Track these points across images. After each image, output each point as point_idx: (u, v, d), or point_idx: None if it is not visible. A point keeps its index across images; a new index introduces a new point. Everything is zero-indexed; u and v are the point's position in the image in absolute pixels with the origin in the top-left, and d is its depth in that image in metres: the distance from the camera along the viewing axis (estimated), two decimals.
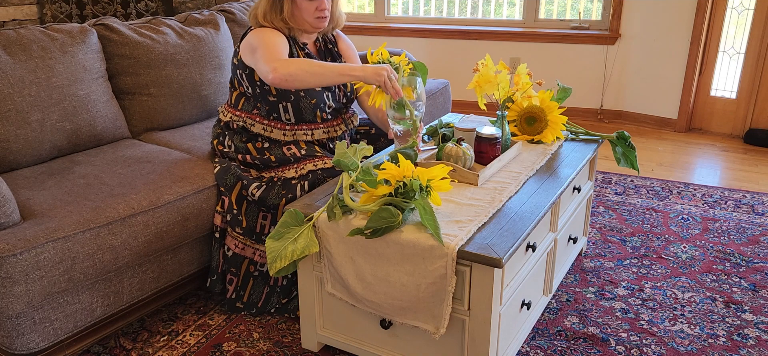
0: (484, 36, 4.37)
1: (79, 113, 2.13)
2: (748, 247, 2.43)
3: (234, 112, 2.05)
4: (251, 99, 2.02)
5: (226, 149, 2.04)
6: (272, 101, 1.98)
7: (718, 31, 3.77)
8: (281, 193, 1.86)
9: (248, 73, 1.98)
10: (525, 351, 1.83)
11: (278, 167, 1.96)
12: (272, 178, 1.93)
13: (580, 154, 2.03)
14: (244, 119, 2.02)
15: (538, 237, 1.75)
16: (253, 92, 2.00)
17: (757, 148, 3.68)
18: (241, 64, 1.98)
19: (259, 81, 1.97)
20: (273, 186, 1.89)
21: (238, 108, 2.04)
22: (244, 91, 2.03)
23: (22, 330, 1.61)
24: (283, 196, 1.86)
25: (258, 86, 1.98)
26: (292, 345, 1.86)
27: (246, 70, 1.98)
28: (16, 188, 1.84)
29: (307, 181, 1.87)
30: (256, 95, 1.99)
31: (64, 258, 1.62)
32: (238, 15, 2.79)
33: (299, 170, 1.91)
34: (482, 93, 1.97)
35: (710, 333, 1.92)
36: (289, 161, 1.95)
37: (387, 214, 1.47)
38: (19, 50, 2.01)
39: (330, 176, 1.87)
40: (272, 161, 1.96)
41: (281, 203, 1.86)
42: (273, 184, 1.90)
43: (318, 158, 1.94)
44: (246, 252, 1.95)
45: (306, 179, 1.87)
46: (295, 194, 1.85)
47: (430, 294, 1.48)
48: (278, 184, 1.89)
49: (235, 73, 2.03)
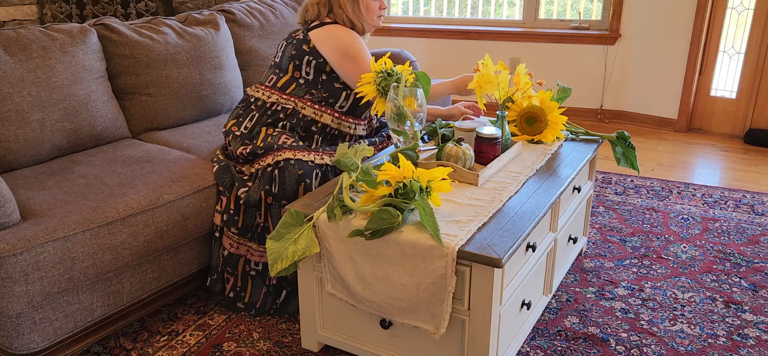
0: (484, 36, 4.37)
1: (79, 112, 2.13)
2: (748, 247, 2.43)
3: (281, 95, 2.07)
4: (304, 86, 2.07)
5: (241, 130, 2.05)
6: (337, 87, 2.07)
7: (718, 31, 3.77)
8: (259, 186, 1.89)
9: (321, 62, 2.05)
10: (525, 351, 1.83)
11: (263, 156, 1.97)
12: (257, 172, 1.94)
13: (580, 154, 2.03)
14: (294, 102, 2.06)
15: (538, 237, 1.75)
16: (316, 78, 2.06)
17: (757, 148, 3.68)
18: (315, 52, 2.04)
19: (330, 69, 2.06)
20: (254, 183, 1.92)
21: (287, 92, 2.07)
22: (303, 76, 2.06)
23: (22, 330, 1.61)
24: (262, 188, 1.88)
25: (325, 74, 2.06)
26: (292, 345, 1.86)
27: (319, 59, 2.05)
28: (16, 188, 1.84)
29: (279, 168, 1.87)
30: (320, 80, 2.06)
31: (64, 258, 1.62)
32: (238, 15, 2.78)
33: (276, 157, 1.92)
34: (482, 93, 1.97)
35: (710, 333, 1.92)
36: (272, 148, 1.96)
37: (387, 215, 1.47)
38: (19, 50, 2.01)
39: (301, 168, 1.87)
40: (259, 150, 1.97)
41: (261, 195, 1.88)
42: (255, 179, 1.92)
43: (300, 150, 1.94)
44: (240, 251, 1.96)
45: (278, 167, 1.87)
46: (272, 185, 1.87)
47: (430, 294, 1.48)
48: (259, 177, 1.91)
49: (301, 59, 2.06)
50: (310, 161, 1.89)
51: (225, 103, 2.63)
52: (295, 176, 1.85)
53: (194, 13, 2.67)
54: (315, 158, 1.91)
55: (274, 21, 2.91)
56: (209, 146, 2.24)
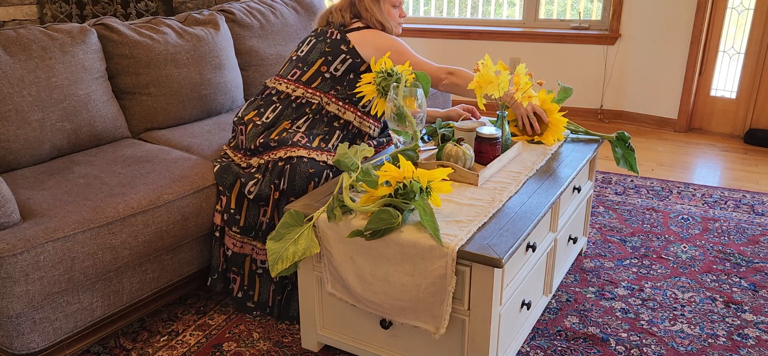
0: (484, 36, 4.38)
1: (79, 112, 2.13)
2: (748, 247, 2.43)
3: (306, 89, 2.08)
4: (330, 81, 2.08)
5: (262, 120, 2.04)
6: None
7: (718, 31, 3.77)
8: (269, 180, 1.88)
9: (358, 62, 2.08)
10: (525, 351, 1.83)
11: (274, 150, 1.96)
12: (266, 165, 1.93)
13: (580, 154, 2.03)
14: (319, 97, 2.07)
15: (538, 237, 1.75)
16: (343, 76, 2.09)
17: (757, 148, 3.68)
18: (354, 53, 2.08)
19: (363, 71, 2.08)
20: (264, 176, 1.90)
21: (312, 86, 2.08)
22: (330, 72, 2.09)
23: (22, 330, 1.61)
24: (271, 181, 1.87)
25: (355, 73, 2.09)
26: (292, 345, 1.86)
27: (357, 58, 2.08)
28: (16, 188, 1.84)
29: (290, 164, 1.86)
30: (347, 79, 2.09)
31: (64, 258, 1.62)
32: (238, 15, 2.78)
33: (288, 152, 1.91)
34: (482, 93, 1.96)
35: (710, 333, 1.92)
36: (286, 142, 1.95)
37: (387, 215, 1.47)
38: (19, 50, 2.01)
39: (312, 167, 1.86)
40: (272, 143, 1.97)
41: (271, 191, 1.87)
42: (265, 173, 1.91)
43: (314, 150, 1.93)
44: (245, 250, 1.96)
45: (290, 162, 1.86)
46: (281, 180, 1.85)
47: (430, 294, 1.48)
48: (269, 170, 1.90)
49: (337, 58, 2.08)
50: (323, 161, 1.89)
51: (225, 103, 2.63)
52: (306, 174, 1.84)
53: (194, 13, 2.67)
54: (328, 159, 1.91)
55: (274, 21, 2.91)
56: (209, 146, 2.24)
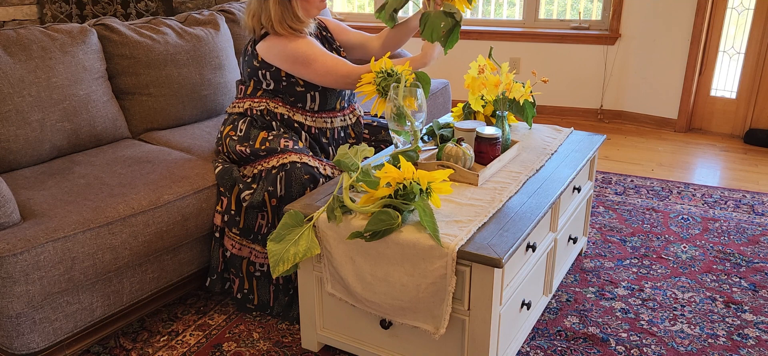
0: (484, 36, 4.38)
1: (79, 113, 2.13)
2: (748, 247, 2.43)
3: (252, 100, 2.07)
4: (271, 92, 2.06)
5: (238, 134, 2.04)
6: (300, 91, 2.05)
7: (718, 31, 3.77)
8: (262, 188, 1.88)
9: (274, 71, 2.02)
10: (525, 351, 1.83)
11: (265, 158, 1.96)
12: (260, 174, 1.93)
13: (580, 154, 2.03)
14: (266, 103, 2.06)
15: (538, 237, 1.75)
16: (277, 87, 2.05)
17: (757, 148, 3.68)
18: (265, 65, 2.02)
19: (285, 75, 2.03)
20: (259, 185, 1.90)
21: (257, 96, 2.07)
22: (265, 87, 2.06)
23: (22, 330, 1.61)
24: (265, 189, 1.87)
25: (284, 80, 2.04)
26: (292, 345, 1.86)
27: (271, 69, 2.02)
28: (16, 188, 1.84)
29: (285, 171, 1.86)
30: (281, 88, 2.05)
31: (64, 258, 1.62)
32: (238, 15, 2.79)
33: (281, 159, 1.91)
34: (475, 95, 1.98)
35: (710, 333, 1.92)
36: (275, 151, 1.95)
37: (386, 216, 1.47)
38: (19, 50, 2.01)
39: (307, 173, 1.87)
40: (261, 152, 1.97)
41: (265, 197, 1.86)
42: (259, 181, 1.91)
43: (306, 155, 1.94)
44: (243, 252, 1.96)
45: (284, 170, 1.86)
46: (275, 187, 1.85)
47: (430, 294, 1.48)
48: (263, 178, 1.90)
49: (256, 74, 2.05)
50: (316, 167, 1.89)
51: (225, 103, 2.63)
52: (301, 179, 1.84)
53: (194, 13, 2.67)
54: (319, 167, 1.91)
55: None
56: (209, 146, 2.24)
